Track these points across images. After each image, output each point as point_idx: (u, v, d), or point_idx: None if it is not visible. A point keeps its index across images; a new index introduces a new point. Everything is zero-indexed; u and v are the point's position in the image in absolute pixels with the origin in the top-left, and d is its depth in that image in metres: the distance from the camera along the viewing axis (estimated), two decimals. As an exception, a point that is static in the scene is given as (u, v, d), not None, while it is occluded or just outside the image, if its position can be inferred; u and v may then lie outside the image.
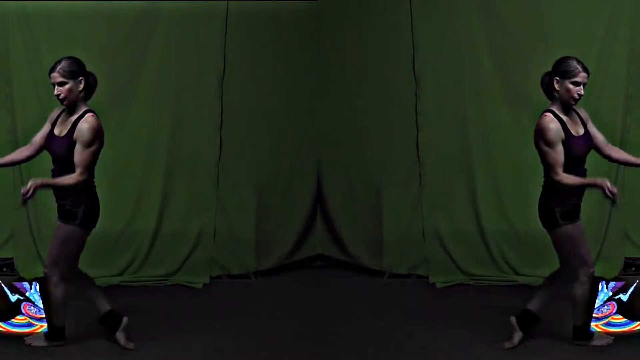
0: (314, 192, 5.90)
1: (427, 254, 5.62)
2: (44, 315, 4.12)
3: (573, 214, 3.85)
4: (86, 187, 3.81)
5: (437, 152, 5.60)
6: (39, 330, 4.18)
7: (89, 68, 5.43)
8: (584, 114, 3.96)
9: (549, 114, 3.79)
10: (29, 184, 3.62)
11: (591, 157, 5.41)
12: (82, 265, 5.48)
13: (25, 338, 4.11)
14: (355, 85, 5.73)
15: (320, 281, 5.62)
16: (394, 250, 5.67)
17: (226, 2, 5.48)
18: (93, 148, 3.76)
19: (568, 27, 5.37)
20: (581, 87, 3.77)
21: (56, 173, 3.83)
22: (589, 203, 5.46)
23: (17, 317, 4.29)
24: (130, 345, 4.01)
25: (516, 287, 5.37)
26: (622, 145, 5.50)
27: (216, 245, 5.66)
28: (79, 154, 3.73)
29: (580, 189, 3.84)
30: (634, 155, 4.06)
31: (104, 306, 4.06)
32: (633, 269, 5.62)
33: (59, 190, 3.79)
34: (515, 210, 5.55)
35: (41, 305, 4.18)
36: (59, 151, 3.79)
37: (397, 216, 5.69)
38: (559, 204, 3.81)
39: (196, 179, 5.64)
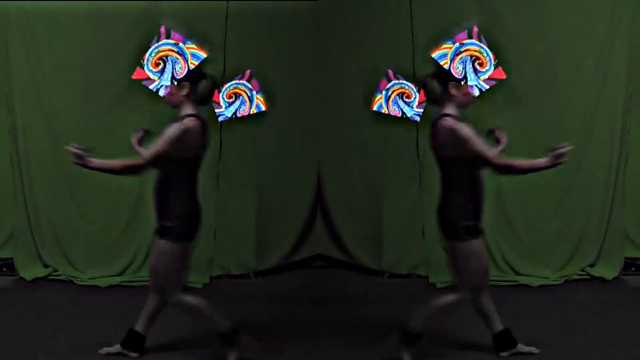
0: (314, 192, 5.90)
1: (427, 254, 5.62)
2: None
3: (477, 229, 3.62)
4: (179, 201, 3.70)
5: (437, 152, 5.60)
6: None
7: (88, 68, 5.50)
8: None
9: (449, 117, 3.70)
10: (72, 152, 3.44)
11: (591, 161, 5.50)
12: (83, 265, 5.55)
13: None
14: (355, 85, 5.73)
15: (320, 281, 5.61)
16: (394, 250, 5.67)
17: (226, 2, 5.48)
18: (169, 143, 3.64)
19: (568, 27, 5.37)
20: None
21: (157, 178, 3.75)
22: (589, 203, 5.54)
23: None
24: None
25: (516, 287, 5.37)
26: (622, 145, 5.52)
27: (216, 246, 5.66)
28: (154, 142, 3.62)
29: (479, 199, 3.65)
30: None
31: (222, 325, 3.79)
32: (633, 268, 5.63)
33: (159, 206, 3.69)
34: (515, 210, 5.55)
35: None
36: None
37: (397, 216, 5.68)
38: (462, 217, 3.65)
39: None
